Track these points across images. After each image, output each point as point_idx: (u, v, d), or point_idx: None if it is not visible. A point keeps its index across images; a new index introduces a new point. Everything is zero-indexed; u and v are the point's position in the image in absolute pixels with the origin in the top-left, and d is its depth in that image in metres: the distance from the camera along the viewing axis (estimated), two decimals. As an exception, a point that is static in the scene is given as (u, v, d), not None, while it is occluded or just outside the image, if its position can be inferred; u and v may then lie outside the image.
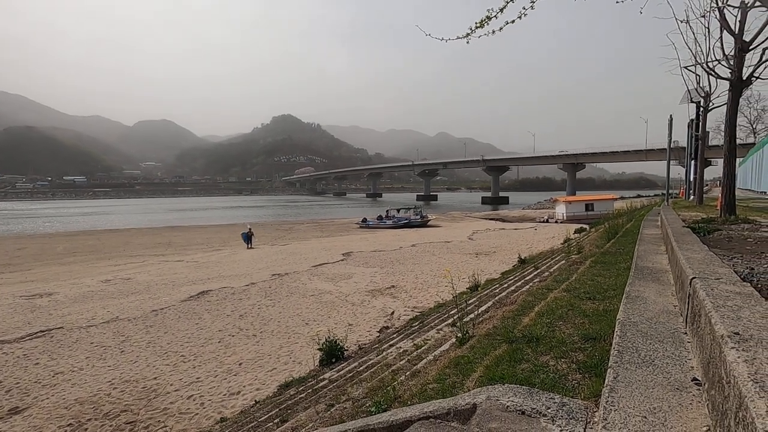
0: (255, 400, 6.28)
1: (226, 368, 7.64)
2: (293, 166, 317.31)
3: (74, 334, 9.77)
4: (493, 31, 3.01)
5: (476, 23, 2.97)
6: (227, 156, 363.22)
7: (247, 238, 27.04)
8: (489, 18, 2.90)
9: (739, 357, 1.40)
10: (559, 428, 1.74)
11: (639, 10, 5.20)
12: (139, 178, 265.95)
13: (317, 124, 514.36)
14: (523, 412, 1.86)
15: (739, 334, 1.61)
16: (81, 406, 6.42)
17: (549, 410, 1.87)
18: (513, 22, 2.97)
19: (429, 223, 40.99)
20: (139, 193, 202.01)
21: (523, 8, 2.88)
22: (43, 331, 10.02)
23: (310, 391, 5.41)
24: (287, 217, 64.17)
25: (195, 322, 10.35)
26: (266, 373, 7.36)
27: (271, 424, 4.49)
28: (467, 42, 3.11)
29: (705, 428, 1.56)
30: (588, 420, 1.83)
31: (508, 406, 1.91)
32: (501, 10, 2.85)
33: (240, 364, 7.77)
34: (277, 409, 5.06)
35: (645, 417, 1.63)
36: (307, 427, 3.55)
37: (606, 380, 1.91)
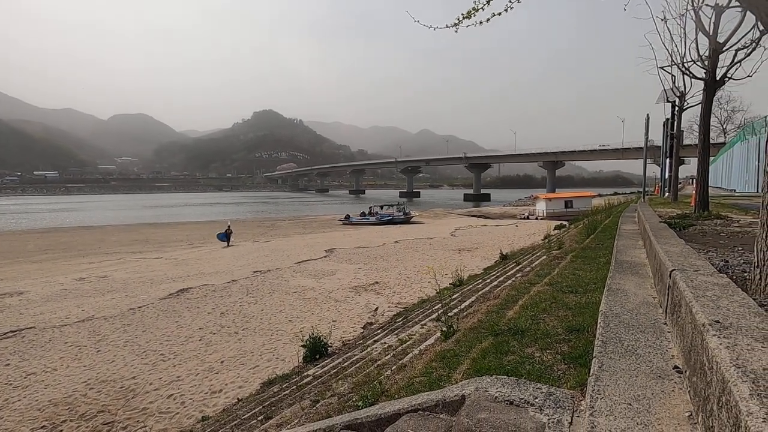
0: (237, 398, 6.19)
1: (208, 366, 7.50)
2: (275, 162, 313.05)
3: (47, 334, 9.44)
4: (481, 22, 3.03)
5: (463, 14, 2.99)
6: (207, 151, 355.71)
7: (225, 236, 25.95)
8: (476, 9, 2.92)
9: (720, 344, 1.44)
10: (547, 417, 1.76)
11: (623, 7, 5.30)
12: (114, 174, 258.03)
13: (299, 120, 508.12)
14: (511, 402, 1.87)
15: (719, 322, 1.65)
16: (55, 407, 6.21)
17: (537, 400, 1.89)
18: (500, 14, 3.00)
19: (412, 219, 41.16)
20: (114, 189, 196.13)
21: (509, 1, 2.91)
22: (13, 331, 9.64)
23: (294, 387, 5.36)
24: (269, 213, 63.41)
25: (175, 320, 10.13)
26: (249, 370, 7.26)
27: (254, 421, 4.43)
28: (456, 31, 3.12)
29: (687, 414, 1.60)
30: (575, 408, 1.86)
31: (496, 397, 1.92)
32: (488, 1, 2.87)
33: (222, 362, 7.65)
34: (261, 407, 5.00)
35: (630, 404, 1.66)
36: (292, 424, 3.52)
37: (591, 369, 1.95)
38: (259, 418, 4.44)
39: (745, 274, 2.88)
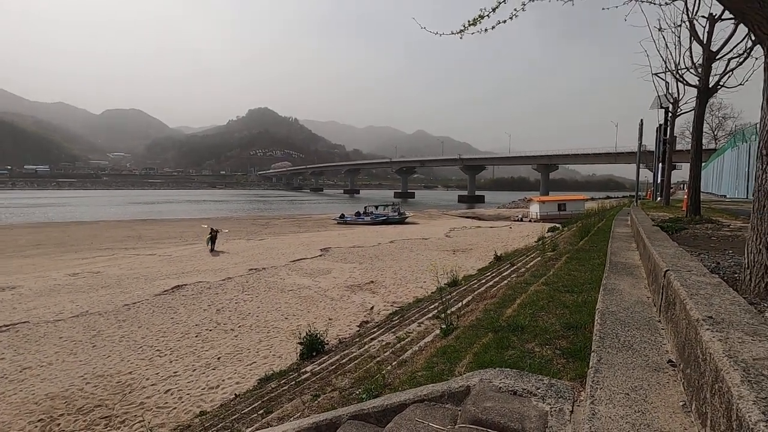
0: (235, 394, 6.25)
1: (204, 362, 7.54)
2: (269, 160, 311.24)
3: (41, 329, 9.40)
4: (486, 30, 3.13)
5: (469, 21, 3.07)
6: (201, 148, 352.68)
7: (211, 240, 22.53)
8: (482, 17, 3.01)
9: (713, 337, 1.54)
10: (549, 406, 1.85)
11: (624, 17, 5.43)
12: (106, 169, 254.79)
13: (294, 119, 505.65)
14: (514, 393, 1.96)
15: (712, 318, 1.76)
16: (52, 401, 6.22)
17: (539, 390, 1.98)
18: (504, 22, 3.09)
19: (407, 220, 41.25)
20: (106, 184, 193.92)
21: (515, 9, 3.01)
22: (7, 326, 9.59)
23: (293, 383, 5.42)
24: (263, 211, 63.15)
25: (170, 317, 10.13)
26: (246, 366, 7.31)
27: (255, 415, 4.48)
28: (460, 37, 3.21)
29: (681, 403, 1.70)
30: (575, 398, 1.96)
31: (500, 387, 2.01)
32: (493, 9, 2.96)
33: (218, 359, 7.69)
34: (260, 401, 5.06)
35: (628, 394, 1.76)
36: (294, 417, 3.58)
37: (590, 363, 2.04)
38: (260, 412, 4.50)
39: (736, 275, 3.00)
